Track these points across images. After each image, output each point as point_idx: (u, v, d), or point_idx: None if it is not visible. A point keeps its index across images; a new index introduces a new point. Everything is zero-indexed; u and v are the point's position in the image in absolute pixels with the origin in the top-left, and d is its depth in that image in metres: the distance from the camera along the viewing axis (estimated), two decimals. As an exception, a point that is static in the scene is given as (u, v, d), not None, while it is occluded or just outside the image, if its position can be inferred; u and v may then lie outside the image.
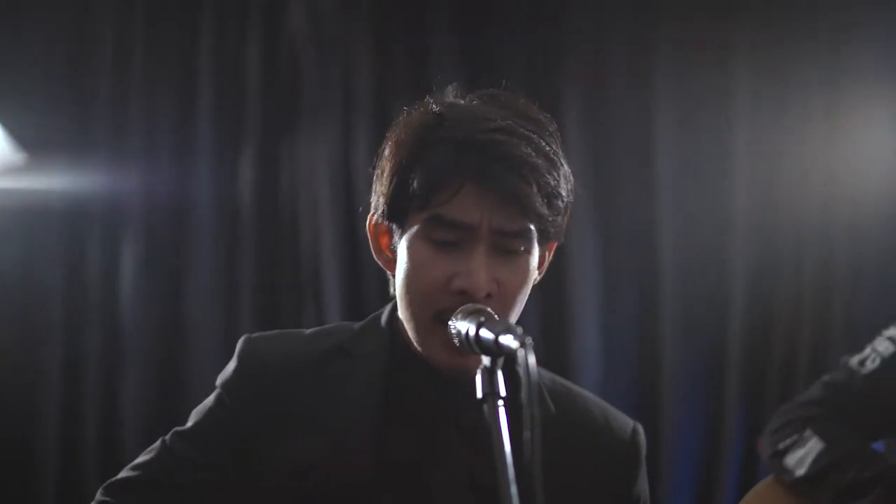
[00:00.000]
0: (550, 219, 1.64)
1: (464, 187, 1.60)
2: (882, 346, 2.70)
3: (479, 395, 1.43)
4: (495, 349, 1.44)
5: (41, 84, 4.28)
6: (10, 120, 4.06)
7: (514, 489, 1.33)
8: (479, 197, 1.60)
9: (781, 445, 2.76)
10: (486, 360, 1.45)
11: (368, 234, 1.75)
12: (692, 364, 4.48)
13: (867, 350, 2.72)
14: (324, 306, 4.32)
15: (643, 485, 1.85)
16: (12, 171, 4.07)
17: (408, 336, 1.71)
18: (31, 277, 4.23)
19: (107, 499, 1.78)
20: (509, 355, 1.42)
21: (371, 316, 1.82)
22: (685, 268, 4.49)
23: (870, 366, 2.69)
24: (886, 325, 2.76)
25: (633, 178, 4.54)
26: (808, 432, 2.71)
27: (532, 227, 1.64)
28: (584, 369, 4.34)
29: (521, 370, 1.34)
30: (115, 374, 4.26)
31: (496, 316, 1.56)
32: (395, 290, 1.74)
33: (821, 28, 4.50)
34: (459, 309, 1.56)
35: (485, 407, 1.41)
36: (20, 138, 4.07)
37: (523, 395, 1.33)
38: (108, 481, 1.80)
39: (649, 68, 4.55)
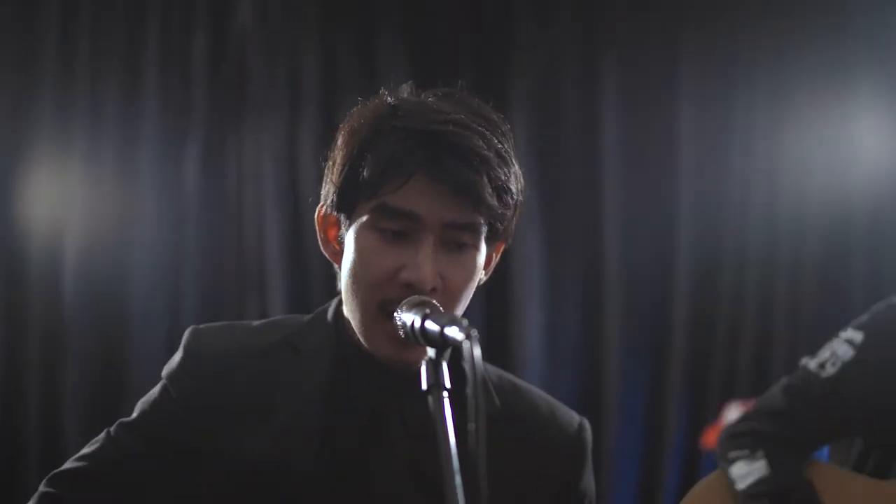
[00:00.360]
0: (500, 212, 1.64)
1: (413, 176, 1.60)
2: (841, 349, 2.70)
3: (424, 386, 1.43)
4: (440, 341, 1.44)
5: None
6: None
7: (458, 479, 1.34)
8: (429, 187, 1.60)
9: (732, 455, 2.77)
10: (431, 352, 1.46)
11: (316, 226, 1.73)
12: (635, 361, 4.52)
13: (826, 353, 2.72)
14: (268, 299, 4.33)
15: (589, 480, 1.84)
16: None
17: (353, 331, 1.71)
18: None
19: (51, 490, 1.75)
20: (454, 347, 1.43)
21: (318, 310, 1.80)
22: (629, 266, 4.54)
23: (830, 370, 2.69)
24: (829, 324, 2.79)
25: (579, 175, 4.58)
26: (760, 453, 2.73)
27: (481, 220, 1.65)
28: (528, 365, 4.36)
29: (466, 362, 1.35)
30: (57, 364, 4.23)
31: (441, 308, 1.57)
32: (338, 283, 1.75)
33: (766, 30, 4.54)
34: (405, 301, 1.56)
35: (429, 398, 1.42)
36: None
37: (469, 386, 1.34)
38: (52, 472, 1.77)
39: (596, 69, 4.58)
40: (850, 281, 4.40)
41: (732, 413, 3.99)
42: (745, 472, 2.72)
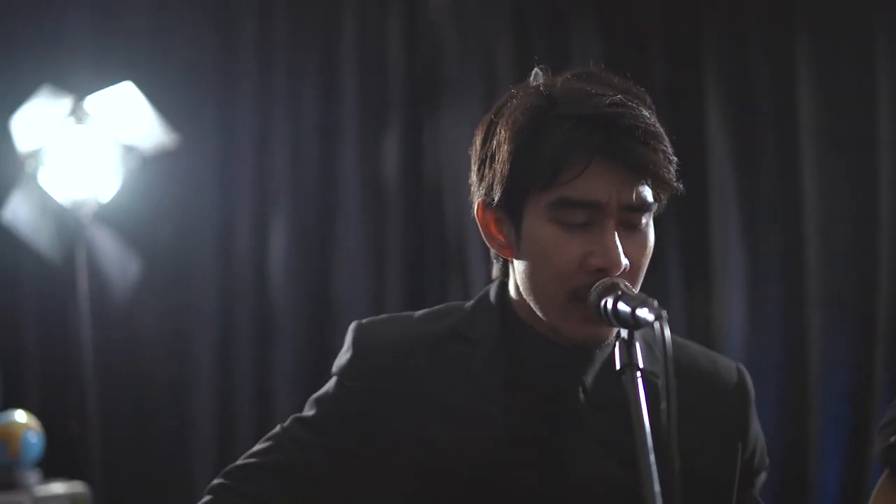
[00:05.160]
0: (673, 186, 1.65)
1: (591, 163, 1.59)
2: None
3: (618, 366, 1.46)
4: (632, 321, 1.46)
5: (189, 69, 4.42)
6: (162, 104, 4.18)
7: (652, 458, 1.36)
8: (607, 172, 1.59)
9: (893, 439, 2.72)
10: (623, 333, 1.47)
11: (477, 221, 1.75)
12: (838, 348, 4.40)
13: None
14: (469, 281, 4.37)
15: (756, 427, 1.84)
16: (166, 152, 4.20)
17: (522, 314, 1.72)
18: (184, 254, 4.38)
19: (228, 483, 1.78)
20: (646, 328, 1.44)
21: (479, 295, 1.81)
22: (831, 251, 4.42)
23: None
24: None
25: (776, 159, 4.47)
26: None
27: (655, 198, 1.64)
28: (730, 345, 4.29)
29: (657, 342, 1.37)
30: (266, 349, 4.38)
31: (631, 289, 1.57)
32: (499, 272, 1.76)
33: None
34: (595, 285, 1.57)
35: (623, 378, 1.44)
36: (172, 121, 4.19)
37: (660, 366, 1.35)
38: (228, 467, 1.80)
39: (792, 47, 4.47)
40: None
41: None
42: None
